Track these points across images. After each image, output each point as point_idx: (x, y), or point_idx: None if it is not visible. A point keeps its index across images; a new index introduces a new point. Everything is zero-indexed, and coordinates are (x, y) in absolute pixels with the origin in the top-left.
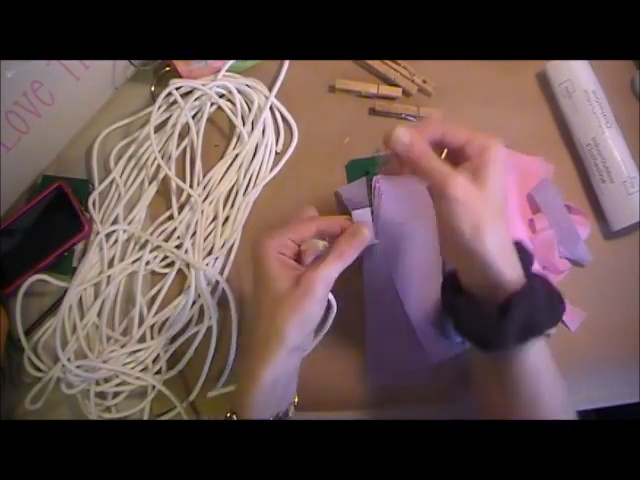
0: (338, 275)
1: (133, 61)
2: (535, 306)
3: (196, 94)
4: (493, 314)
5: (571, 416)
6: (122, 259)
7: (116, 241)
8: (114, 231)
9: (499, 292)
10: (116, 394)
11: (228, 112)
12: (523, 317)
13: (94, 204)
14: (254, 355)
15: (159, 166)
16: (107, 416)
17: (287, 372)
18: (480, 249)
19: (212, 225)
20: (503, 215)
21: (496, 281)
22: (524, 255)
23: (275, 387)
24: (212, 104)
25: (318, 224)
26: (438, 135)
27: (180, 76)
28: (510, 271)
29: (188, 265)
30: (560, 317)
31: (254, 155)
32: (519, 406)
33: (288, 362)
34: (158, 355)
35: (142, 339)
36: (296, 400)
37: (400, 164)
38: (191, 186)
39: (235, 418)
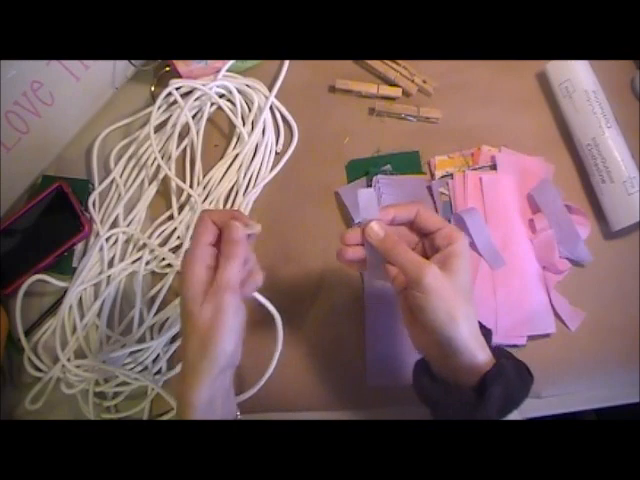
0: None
1: (133, 61)
2: (509, 381)
3: (196, 94)
4: (470, 397)
5: None
6: (122, 259)
7: (116, 241)
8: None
9: (473, 375)
10: (116, 394)
11: (228, 112)
12: (500, 394)
13: (94, 204)
14: (185, 378)
15: (159, 166)
16: (107, 416)
17: (222, 390)
18: (455, 336)
19: None
20: (471, 302)
21: (470, 364)
22: (485, 332)
23: (212, 407)
24: (212, 104)
25: (210, 216)
26: (412, 215)
27: (180, 76)
28: (482, 353)
29: None
30: (531, 386)
31: (254, 155)
32: None
33: (221, 380)
34: (158, 355)
35: (142, 339)
36: (238, 415)
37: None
38: (191, 186)
39: None
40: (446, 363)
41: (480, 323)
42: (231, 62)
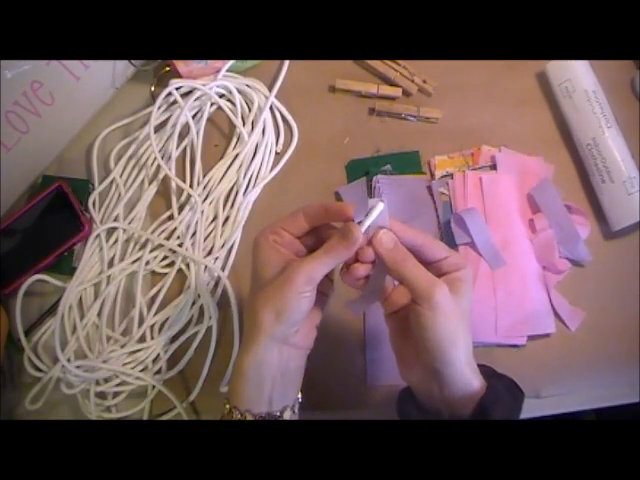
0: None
1: (133, 61)
2: (504, 404)
3: (196, 94)
4: None
5: None
6: (122, 259)
7: (116, 241)
8: (114, 230)
9: (467, 403)
10: (116, 394)
11: (228, 112)
12: (497, 418)
13: (94, 204)
14: (241, 344)
15: (159, 166)
16: (107, 416)
17: (272, 366)
18: (452, 361)
19: (212, 225)
20: (469, 330)
21: (464, 393)
22: None
23: (261, 380)
24: (212, 104)
25: (304, 210)
26: (419, 243)
27: (180, 76)
28: (476, 381)
29: (188, 265)
30: (522, 403)
31: (254, 155)
32: None
33: (270, 353)
34: (158, 355)
35: (142, 339)
36: (298, 397)
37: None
38: (191, 186)
39: (228, 406)
40: (436, 394)
41: None
42: (231, 62)
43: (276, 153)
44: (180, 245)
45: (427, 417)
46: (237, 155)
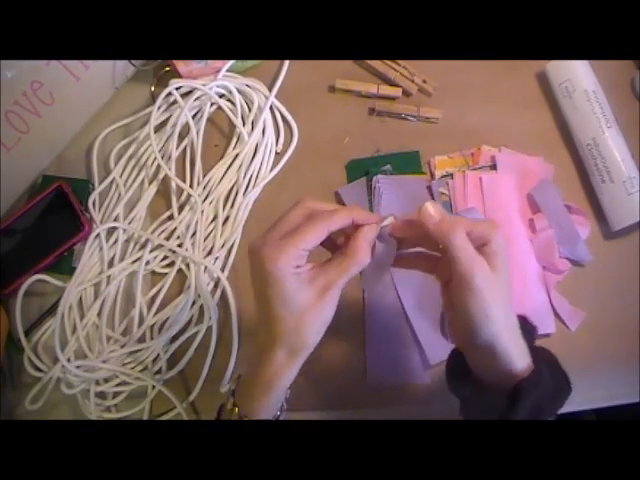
0: None
1: (133, 61)
2: (543, 393)
3: (196, 94)
4: (501, 402)
5: None
6: (122, 259)
7: (116, 241)
8: (115, 230)
9: (508, 380)
10: (116, 394)
11: (228, 112)
12: (531, 405)
13: (94, 204)
14: (273, 365)
15: (159, 166)
16: (107, 416)
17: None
18: (496, 340)
19: (212, 225)
20: (511, 303)
21: (508, 370)
22: (528, 329)
23: (285, 389)
24: (212, 104)
25: (329, 227)
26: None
27: (180, 76)
28: (521, 360)
29: (188, 265)
30: (566, 397)
31: (254, 155)
32: None
33: (299, 366)
34: (158, 355)
35: (142, 339)
36: (288, 392)
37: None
38: (191, 186)
39: (237, 411)
40: (484, 365)
41: (525, 318)
42: (231, 62)
43: (276, 153)
44: (180, 245)
45: (471, 383)
46: (237, 155)
